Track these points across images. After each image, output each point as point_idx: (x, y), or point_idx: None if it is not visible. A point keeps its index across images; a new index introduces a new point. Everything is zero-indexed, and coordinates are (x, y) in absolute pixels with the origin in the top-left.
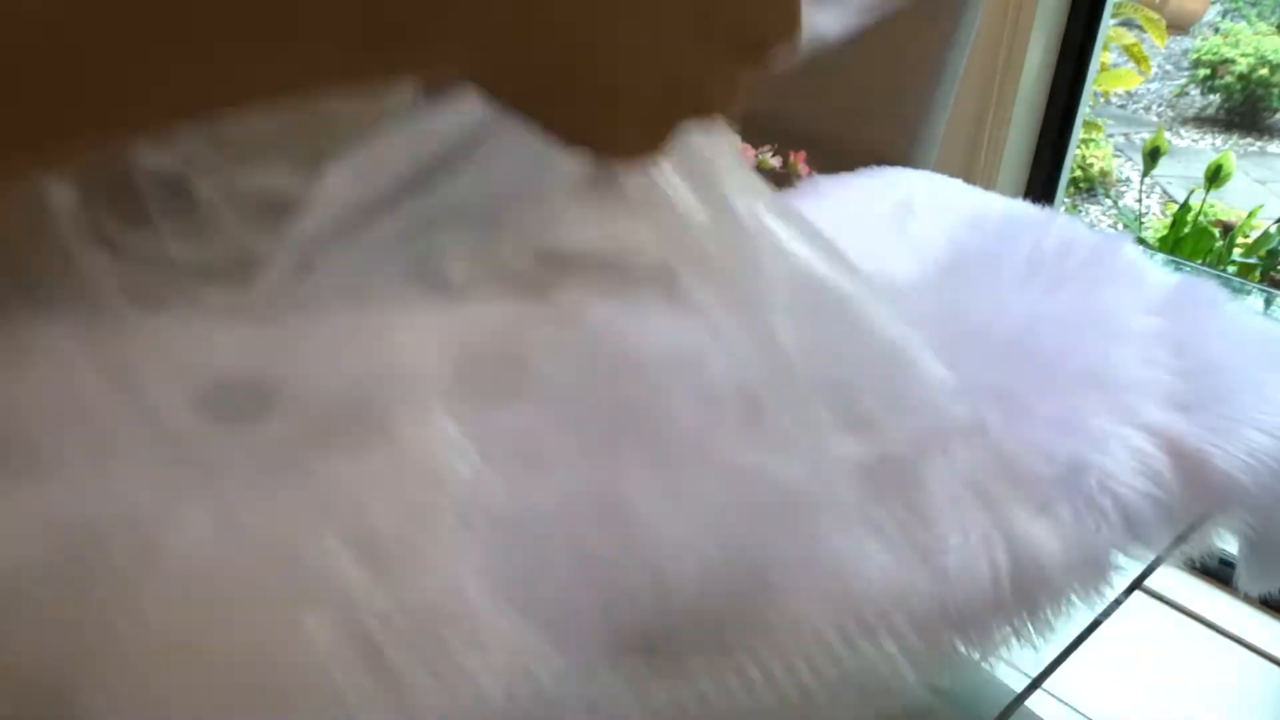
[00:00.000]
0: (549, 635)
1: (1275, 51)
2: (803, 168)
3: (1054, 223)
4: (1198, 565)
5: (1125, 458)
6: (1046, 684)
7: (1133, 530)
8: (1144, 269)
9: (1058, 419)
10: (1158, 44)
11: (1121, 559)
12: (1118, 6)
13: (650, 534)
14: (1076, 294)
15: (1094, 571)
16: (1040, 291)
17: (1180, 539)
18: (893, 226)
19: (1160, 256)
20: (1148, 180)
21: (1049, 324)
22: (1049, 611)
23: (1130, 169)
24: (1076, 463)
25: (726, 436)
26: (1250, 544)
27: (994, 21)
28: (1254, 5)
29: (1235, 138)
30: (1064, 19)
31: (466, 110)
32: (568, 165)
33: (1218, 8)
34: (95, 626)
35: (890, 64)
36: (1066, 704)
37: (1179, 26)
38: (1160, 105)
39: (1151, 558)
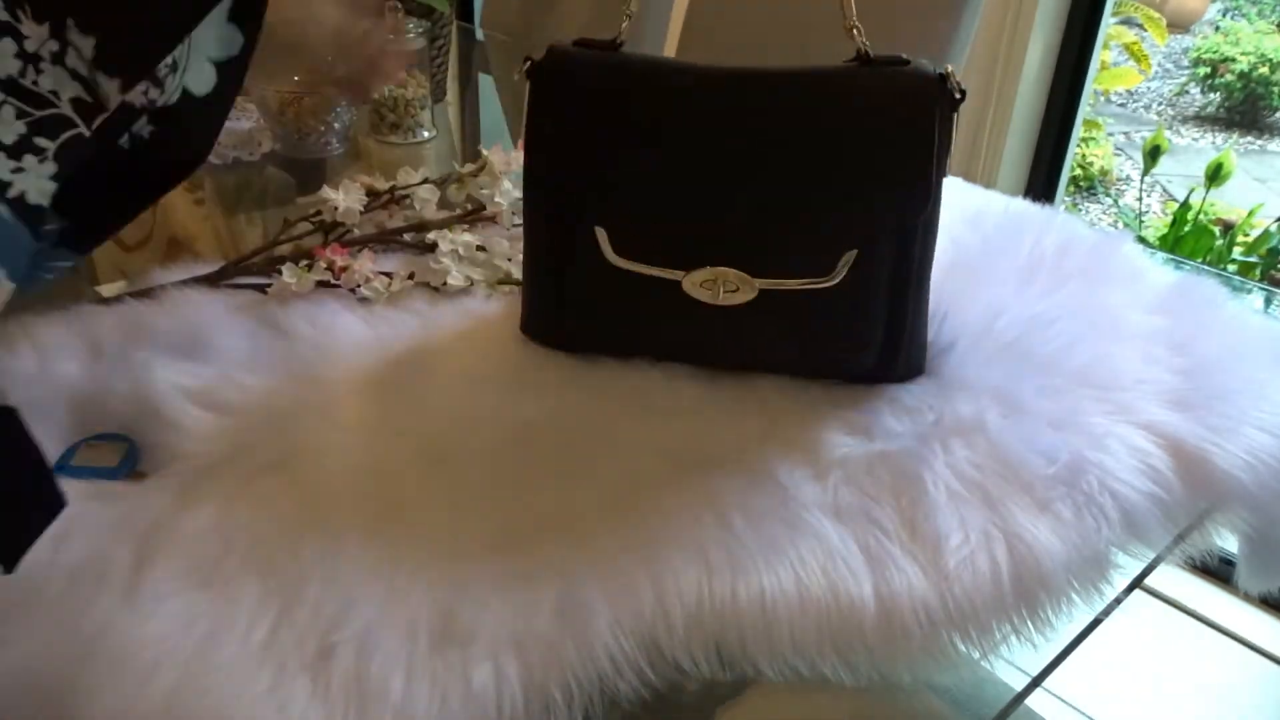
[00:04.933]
0: None
1: (1276, 50)
2: None
3: (1054, 221)
4: (1198, 564)
5: (1125, 456)
6: (1046, 682)
7: (1133, 528)
8: (1144, 267)
9: (1058, 417)
10: (1158, 42)
11: (1121, 557)
12: (1118, 5)
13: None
14: (1076, 292)
15: (1094, 570)
16: (1040, 290)
17: (1180, 537)
18: None
19: (1161, 255)
20: (1148, 179)
21: (1049, 322)
22: (1049, 610)
23: (1131, 167)
24: (1077, 461)
25: None
26: (1250, 542)
27: (994, 21)
28: (1254, 4)
29: (1235, 136)
30: (1064, 18)
31: None
32: None
33: (1218, 6)
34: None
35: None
36: (1066, 703)
37: (1179, 25)
38: (1160, 104)
39: (1152, 556)
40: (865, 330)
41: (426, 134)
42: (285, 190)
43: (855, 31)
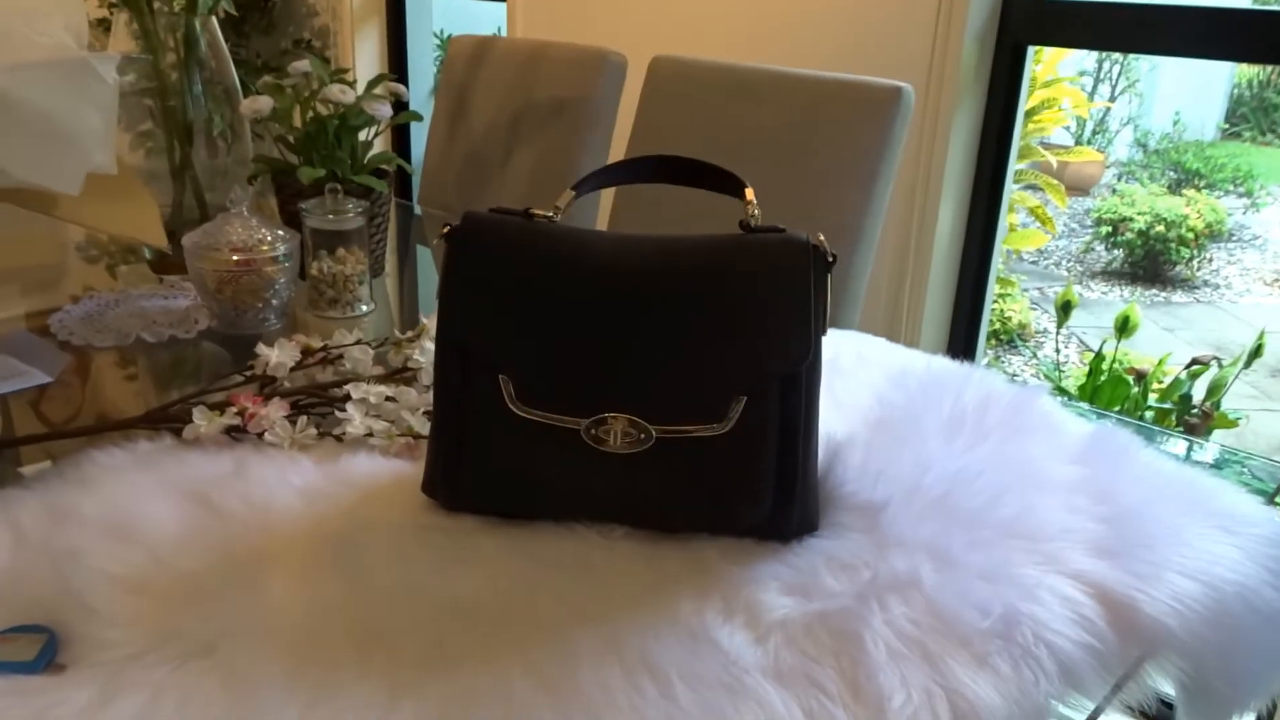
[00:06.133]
0: None
1: (1169, 210)
2: None
3: (973, 377)
4: (1139, 711)
5: (1057, 606)
6: None
7: (1070, 679)
8: (1061, 419)
9: (989, 570)
10: (1060, 206)
11: (1063, 710)
12: (1019, 173)
13: None
14: (999, 446)
15: None
16: (964, 444)
17: (1117, 687)
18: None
19: (1081, 406)
20: (1066, 330)
21: (974, 476)
22: None
23: (1048, 320)
24: (1010, 614)
25: None
26: (1185, 689)
27: (905, 192)
28: (1145, 168)
29: (1140, 290)
30: (970, 187)
31: None
32: None
33: (1113, 171)
34: None
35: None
36: None
37: (1078, 189)
38: (1069, 260)
39: (1091, 708)
40: (759, 478)
41: (365, 308)
42: (220, 365)
43: (749, 205)
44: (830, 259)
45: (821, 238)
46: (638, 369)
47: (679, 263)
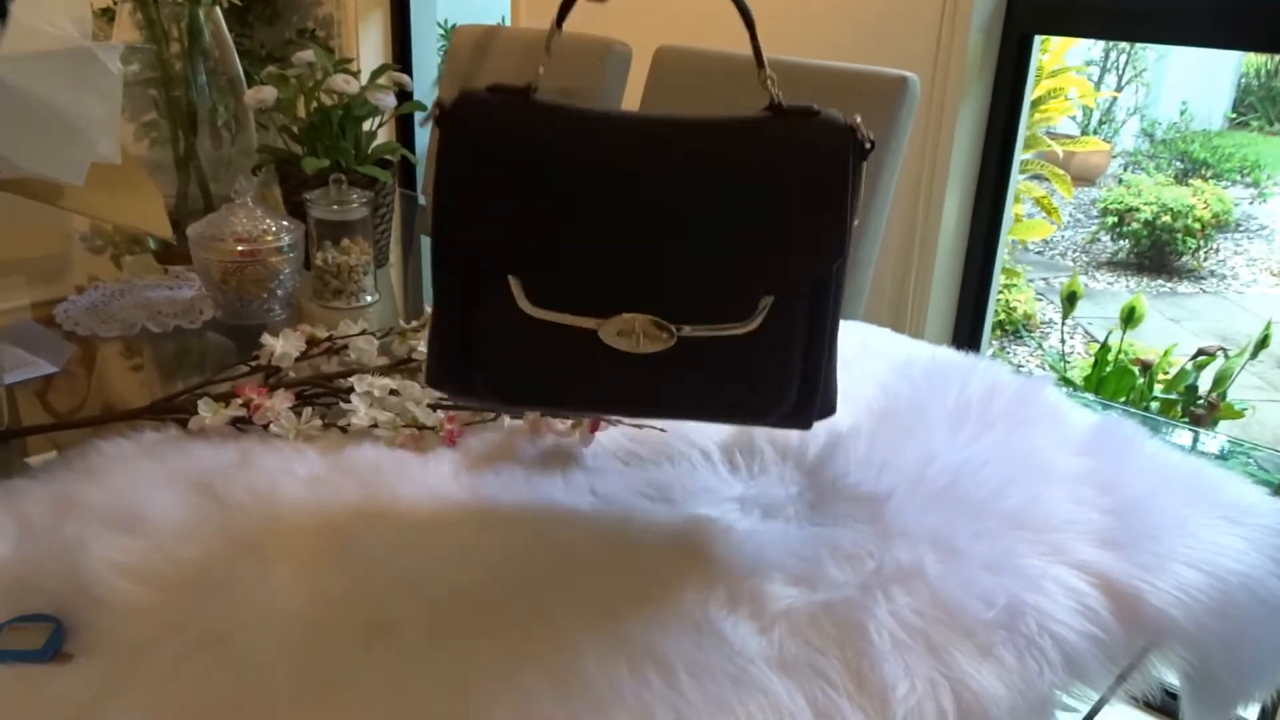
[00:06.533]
0: None
1: (1176, 200)
2: None
3: (978, 368)
4: (1144, 701)
5: (1061, 597)
6: None
7: (1074, 669)
8: (1065, 410)
9: (993, 560)
10: (1065, 196)
11: (1068, 700)
12: (1025, 163)
13: None
14: (1003, 436)
15: (1039, 714)
16: (969, 435)
17: (1122, 677)
18: None
19: (1085, 397)
20: (1071, 321)
21: (979, 466)
22: None
23: (1053, 311)
24: (1014, 604)
25: None
26: (1190, 680)
27: (911, 181)
28: (1151, 158)
29: (1146, 280)
30: (975, 178)
31: None
32: None
33: (1119, 161)
34: None
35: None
36: None
37: (1084, 179)
38: (1075, 251)
39: (1095, 698)
40: (784, 377)
41: (369, 298)
42: (225, 356)
43: (770, 82)
44: (869, 145)
45: (858, 118)
46: (659, 264)
47: (702, 147)
